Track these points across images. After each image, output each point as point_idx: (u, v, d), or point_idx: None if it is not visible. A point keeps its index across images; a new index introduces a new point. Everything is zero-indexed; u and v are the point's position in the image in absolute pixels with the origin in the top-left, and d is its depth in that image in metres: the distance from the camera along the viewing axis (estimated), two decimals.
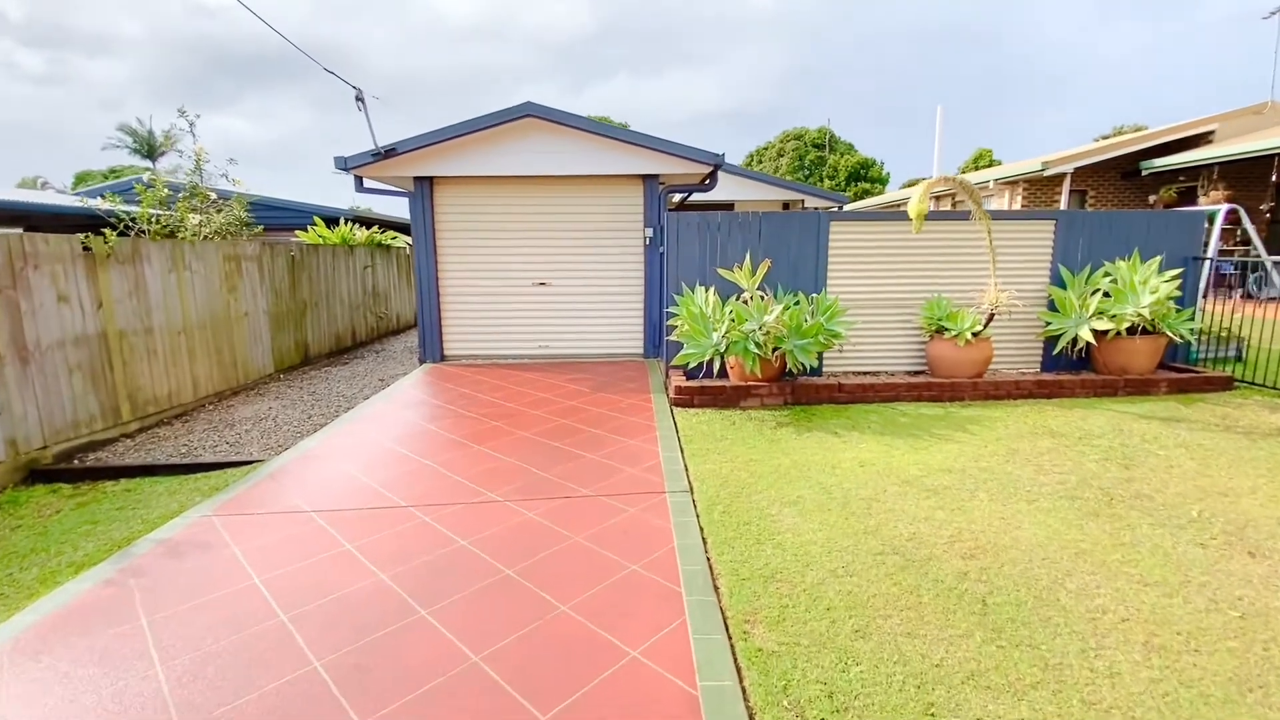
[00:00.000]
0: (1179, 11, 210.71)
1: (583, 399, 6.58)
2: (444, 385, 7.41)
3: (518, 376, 7.74)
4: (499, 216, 8.55)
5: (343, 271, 11.03)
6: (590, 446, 5.09)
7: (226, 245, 7.78)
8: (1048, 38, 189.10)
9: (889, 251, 7.03)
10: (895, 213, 7.04)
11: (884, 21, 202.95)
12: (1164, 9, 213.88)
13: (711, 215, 6.87)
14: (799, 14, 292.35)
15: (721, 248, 6.90)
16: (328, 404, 7.03)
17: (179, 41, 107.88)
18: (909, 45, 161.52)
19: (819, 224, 6.90)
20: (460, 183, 8.46)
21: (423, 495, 4.19)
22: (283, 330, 8.95)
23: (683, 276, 6.93)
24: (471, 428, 5.69)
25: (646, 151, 8.05)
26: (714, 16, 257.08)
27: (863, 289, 7.08)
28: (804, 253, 6.93)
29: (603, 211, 8.56)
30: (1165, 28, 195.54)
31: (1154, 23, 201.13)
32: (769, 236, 6.89)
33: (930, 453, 4.91)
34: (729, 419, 5.87)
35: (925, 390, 6.46)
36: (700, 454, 4.91)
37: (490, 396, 6.79)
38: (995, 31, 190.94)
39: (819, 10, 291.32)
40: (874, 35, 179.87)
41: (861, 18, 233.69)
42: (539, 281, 8.68)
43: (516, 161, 8.12)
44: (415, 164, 8.11)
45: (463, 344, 8.80)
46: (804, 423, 5.74)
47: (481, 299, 8.70)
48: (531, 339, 8.81)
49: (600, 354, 8.83)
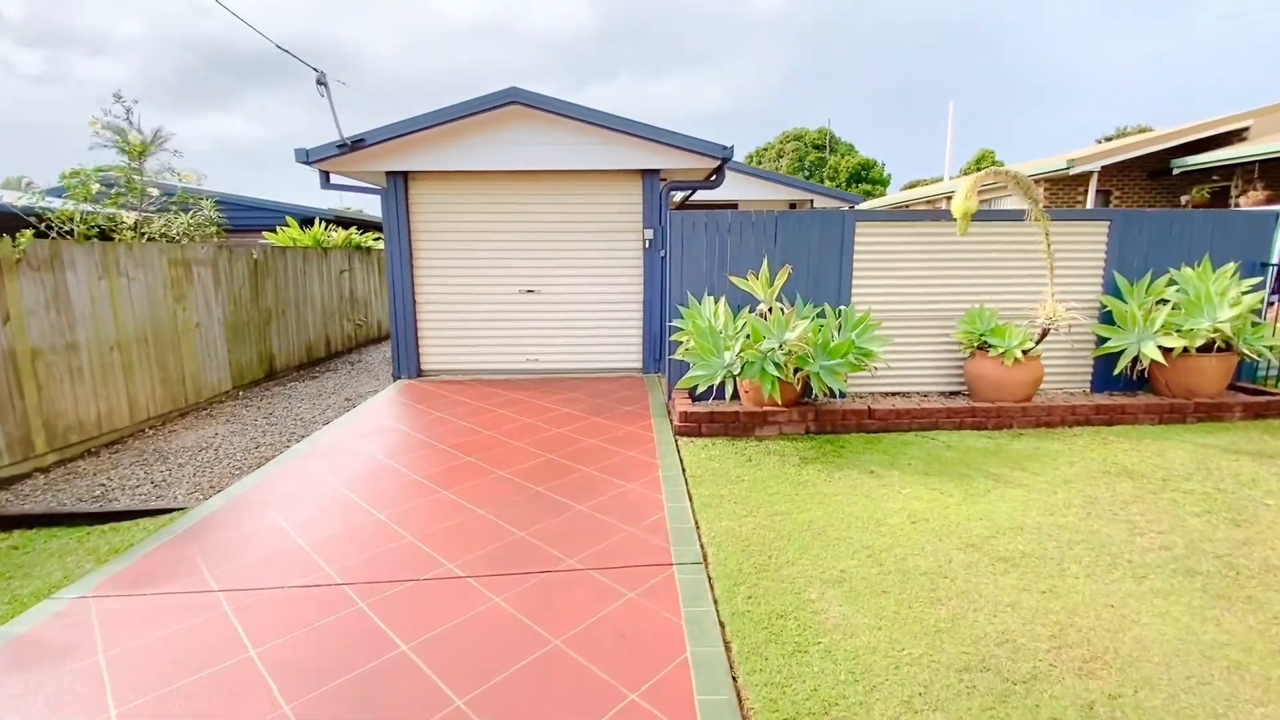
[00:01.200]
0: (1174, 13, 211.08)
1: (574, 426, 5.71)
2: (417, 407, 6.53)
3: (502, 396, 6.87)
4: (482, 216, 7.68)
5: (315, 276, 10.15)
6: (580, 492, 4.23)
7: (173, 248, 6.89)
8: (1047, 40, 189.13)
9: (923, 256, 6.18)
10: (930, 213, 6.20)
11: (884, 22, 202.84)
12: (1159, 11, 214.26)
13: (720, 215, 6.02)
14: (800, 15, 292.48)
15: (732, 252, 6.05)
16: (282, 430, 6.14)
17: (177, 41, 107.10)
18: (909, 46, 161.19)
19: (843, 225, 6.04)
20: (438, 178, 7.59)
21: (364, 567, 3.31)
22: (242, 342, 8.06)
23: (688, 285, 6.07)
24: (441, 465, 4.81)
25: (646, 143, 7.19)
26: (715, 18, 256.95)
27: (892, 299, 6.23)
28: (826, 258, 6.07)
29: (598, 211, 7.70)
30: (1161, 29, 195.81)
31: (1150, 24, 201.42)
32: (786, 239, 6.04)
33: (992, 502, 4.05)
34: (743, 452, 5.00)
35: (968, 417, 5.60)
36: (713, 503, 4.05)
37: (468, 422, 5.92)
38: (995, 33, 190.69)
39: (820, 12, 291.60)
40: (874, 36, 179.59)
41: (862, 19, 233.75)
42: (526, 289, 7.81)
43: (501, 154, 7.26)
44: (388, 157, 7.24)
45: (441, 358, 7.92)
46: (833, 458, 4.88)
47: (462, 308, 7.83)
48: (518, 352, 7.94)
49: (594, 369, 7.96)
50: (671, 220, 6.00)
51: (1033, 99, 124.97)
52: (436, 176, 7.59)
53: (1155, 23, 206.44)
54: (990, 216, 6.11)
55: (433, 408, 6.46)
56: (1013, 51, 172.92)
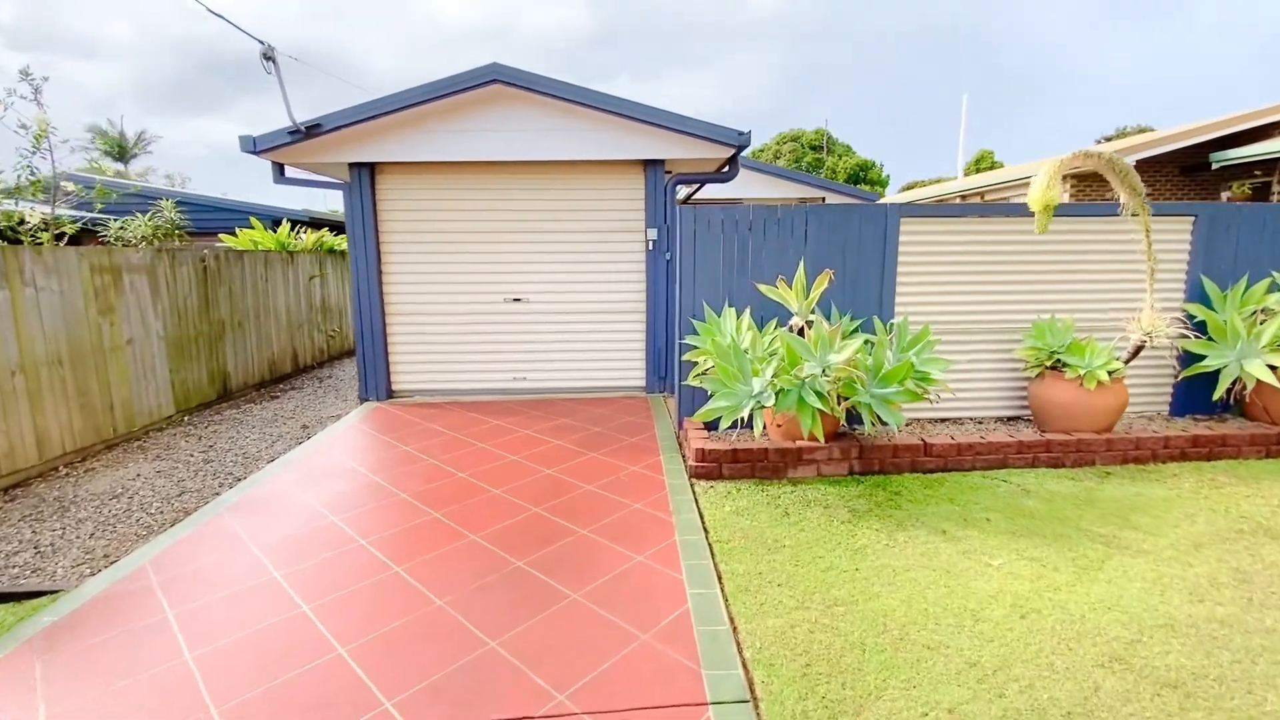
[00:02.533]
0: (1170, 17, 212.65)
1: (567, 464, 4.73)
2: (382, 439, 5.54)
3: (483, 424, 5.88)
4: (461, 214, 6.70)
5: (280, 282, 9.14)
6: (575, 570, 3.25)
7: (97, 253, 5.88)
8: (1044, 42, 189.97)
9: (980, 258, 5.23)
10: (989, 206, 5.25)
11: (881, 25, 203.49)
12: (1156, 15, 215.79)
13: (740, 210, 5.06)
14: (797, 17, 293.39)
15: (753, 254, 5.08)
16: (219, 468, 5.14)
17: (169, 44, 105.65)
18: (906, 48, 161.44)
19: (886, 222, 5.09)
20: (410, 170, 6.61)
21: (262, 708, 2.32)
22: (188, 359, 7.05)
23: (702, 293, 5.10)
24: (399, 523, 3.83)
25: (649, 130, 6.23)
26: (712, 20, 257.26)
27: (940, 308, 5.28)
28: (866, 261, 5.12)
29: (594, 207, 6.74)
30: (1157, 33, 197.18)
31: (1147, 28, 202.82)
32: (819, 239, 5.08)
33: (1114, 579, 3.09)
34: (777, 502, 4.04)
35: (1042, 452, 4.65)
36: (751, 585, 3.07)
37: (440, 459, 4.93)
38: (993, 36, 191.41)
39: (817, 14, 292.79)
40: (871, 38, 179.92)
41: (859, 21, 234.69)
42: (513, 297, 6.83)
43: (482, 143, 6.28)
44: (350, 146, 6.25)
45: (415, 377, 6.93)
46: (889, 509, 3.91)
47: (439, 319, 6.84)
48: (503, 370, 6.95)
49: (591, 388, 6.98)
50: (681, 217, 5.04)
51: (1030, 101, 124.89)
52: (407, 168, 6.61)
53: (1150, 26, 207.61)
54: (1068, 211, 5.17)
55: (400, 439, 5.46)
56: (1010, 54, 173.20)
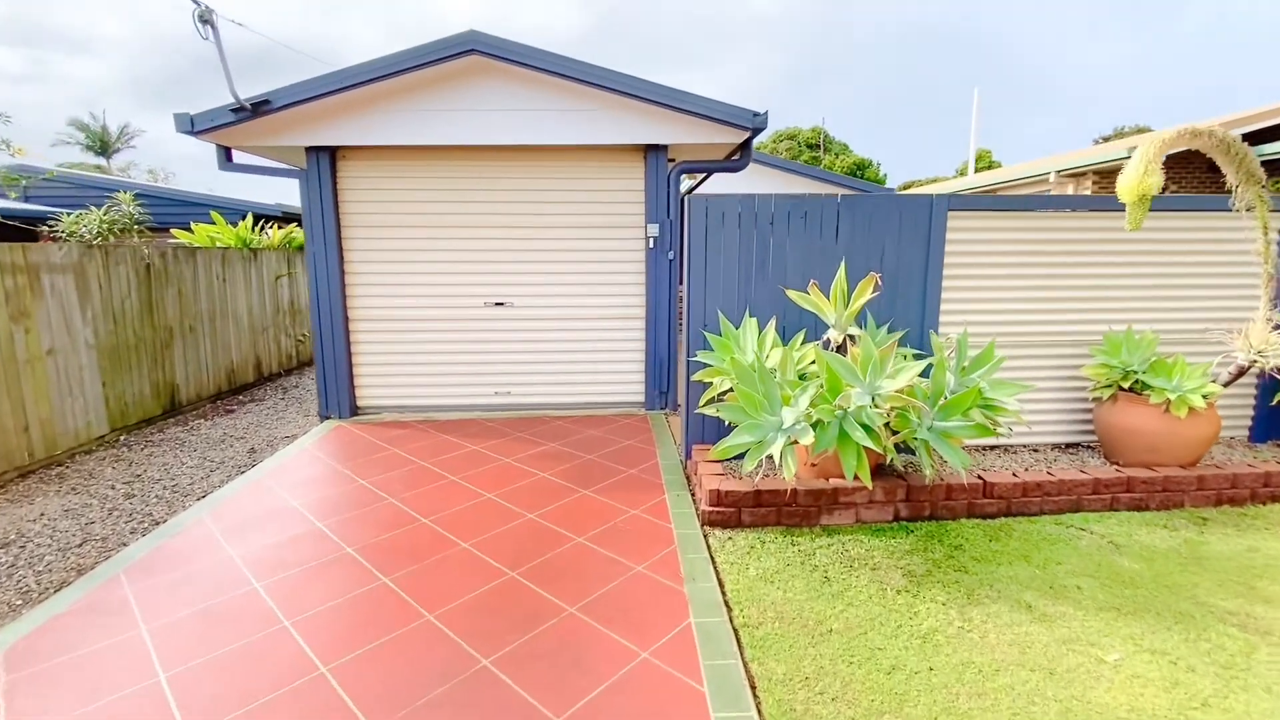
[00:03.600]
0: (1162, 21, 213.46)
1: (554, 505, 3.93)
2: (338, 469, 4.72)
3: (458, 449, 5.07)
4: (435, 206, 5.89)
5: (241, 282, 8.28)
6: (555, 678, 2.45)
7: (7, 251, 5.04)
8: (1038, 44, 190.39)
9: (1040, 259, 4.47)
10: (1061, 199, 4.50)
11: (879, 25, 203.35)
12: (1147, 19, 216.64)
13: (760, 202, 4.27)
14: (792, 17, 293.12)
15: (775, 253, 4.30)
16: (139, 505, 4.31)
17: (163, 40, 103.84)
18: (903, 49, 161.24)
19: (930, 216, 4.32)
20: (376, 156, 5.79)
21: None
22: (126, 370, 6.20)
23: (714, 299, 4.31)
24: (338, 594, 3.02)
25: (650, 110, 5.43)
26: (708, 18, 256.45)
27: (993, 319, 4.52)
28: (907, 261, 4.35)
29: (587, 199, 5.93)
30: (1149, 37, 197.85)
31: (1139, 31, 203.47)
32: (852, 236, 4.30)
33: (1272, 685, 2.33)
34: (812, 560, 3.26)
35: (1121, 491, 3.89)
36: (797, 704, 2.29)
37: (403, 498, 4.12)
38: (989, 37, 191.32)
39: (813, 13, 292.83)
40: (868, 38, 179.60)
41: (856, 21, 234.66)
42: (494, 301, 6.02)
43: (458, 124, 5.47)
44: (307, 127, 5.43)
45: (383, 390, 6.11)
46: (952, 572, 3.14)
47: (411, 326, 6.02)
48: (484, 384, 6.14)
49: (584, 404, 6.19)
50: (691, 209, 4.25)
51: (1025, 101, 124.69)
52: (373, 153, 5.78)
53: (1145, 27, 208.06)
54: (1163, 205, 4.40)
55: (359, 469, 4.65)
56: (1006, 55, 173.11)
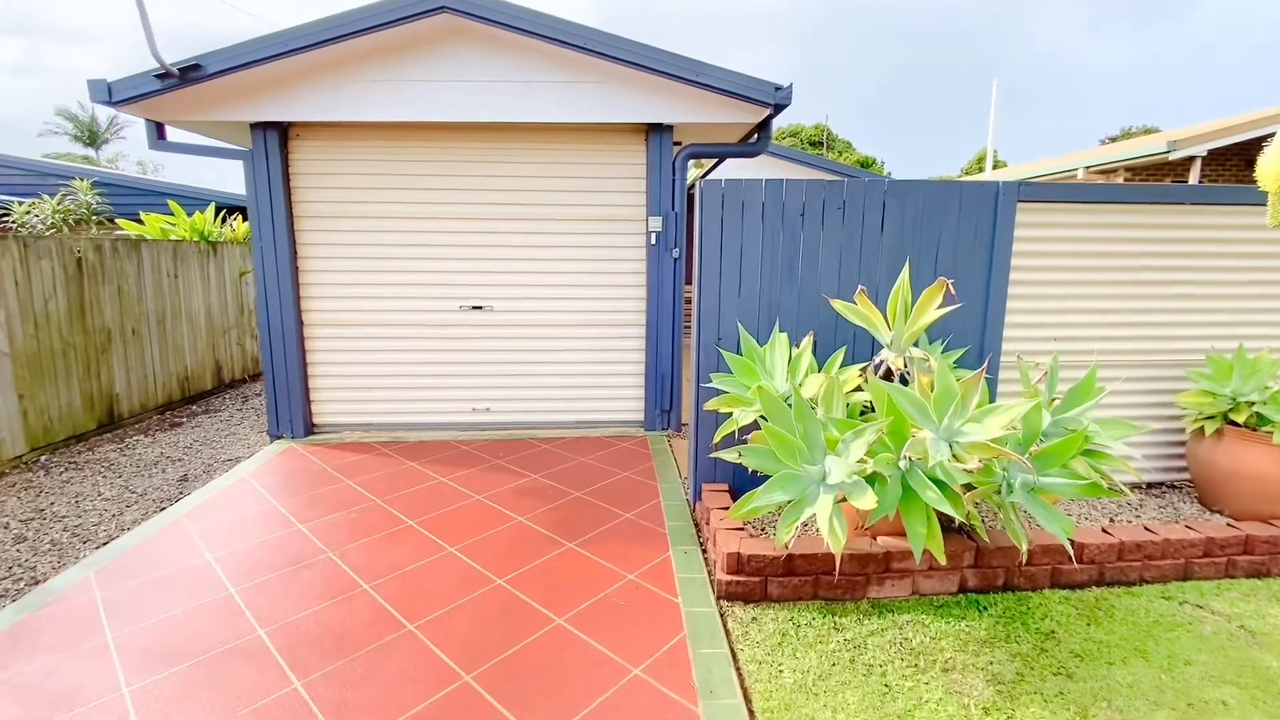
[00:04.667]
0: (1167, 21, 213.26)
1: (531, 567, 3.14)
2: (275, 508, 3.93)
3: (424, 482, 4.28)
4: (404, 194, 5.09)
5: (198, 279, 7.48)
6: None
7: None
8: (1044, 43, 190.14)
9: (1128, 264, 3.69)
10: (1162, 190, 3.72)
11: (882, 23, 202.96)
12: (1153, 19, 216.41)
13: (788, 189, 3.48)
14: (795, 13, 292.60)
15: (807, 252, 3.51)
16: (24, 556, 3.50)
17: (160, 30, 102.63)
18: (906, 48, 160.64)
19: (996, 207, 3.53)
20: (334, 134, 4.99)
21: None
22: (50, 380, 5.40)
23: (731, 307, 3.53)
24: (228, 711, 2.23)
25: (653, 82, 4.63)
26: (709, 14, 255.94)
27: (1064, 335, 3.74)
28: (967, 263, 3.56)
29: (579, 188, 5.14)
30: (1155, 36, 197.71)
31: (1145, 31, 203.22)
32: (900, 231, 3.52)
33: None
34: (863, 655, 2.48)
35: (1237, 553, 3.11)
36: None
37: (346, 551, 3.33)
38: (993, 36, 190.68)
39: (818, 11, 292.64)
40: (871, 36, 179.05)
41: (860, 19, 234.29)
42: (472, 304, 5.23)
43: (430, 98, 4.67)
44: (251, 99, 4.63)
45: (344, 406, 5.32)
46: (1049, 673, 2.36)
47: (375, 334, 5.23)
48: (460, 399, 5.35)
49: (574, 423, 5.40)
50: (704, 197, 3.46)
51: (1029, 102, 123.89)
52: (331, 132, 4.98)
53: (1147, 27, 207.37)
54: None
55: (301, 508, 3.86)
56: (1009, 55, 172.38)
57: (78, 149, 35.18)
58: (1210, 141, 9.94)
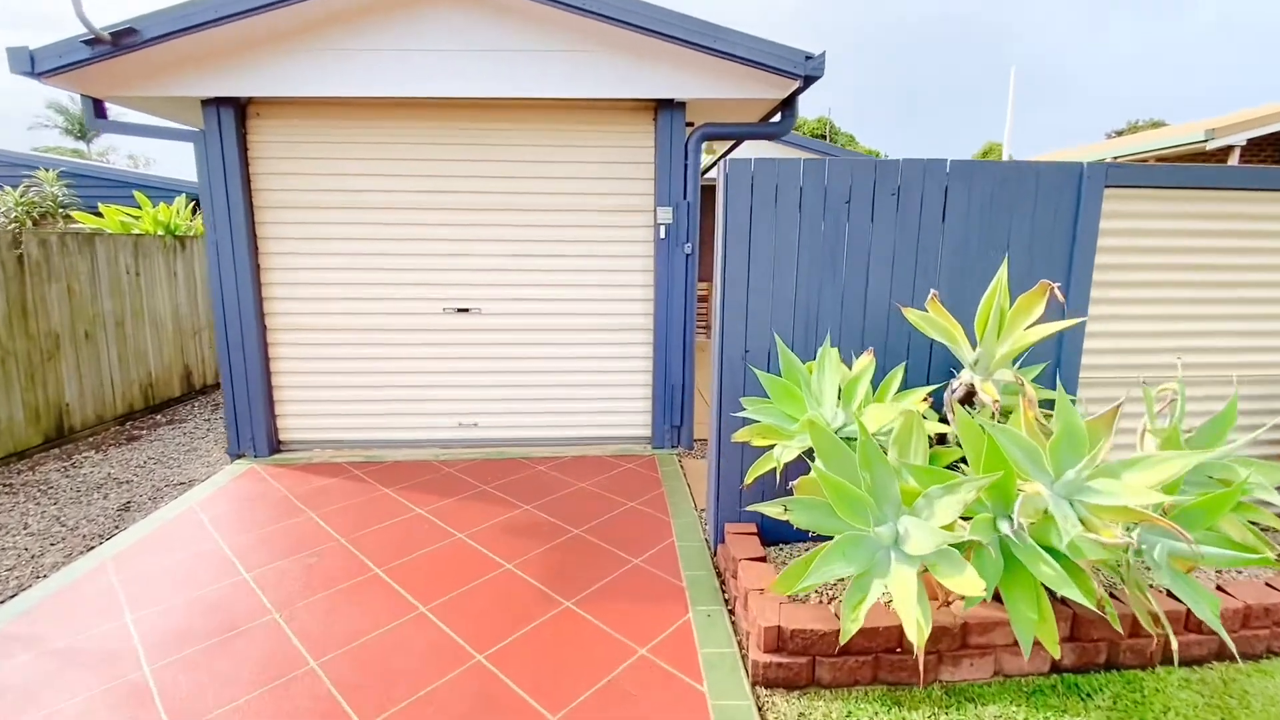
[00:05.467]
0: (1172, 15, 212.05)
1: (519, 637, 2.56)
2: (222, 548, 3.34)
3: (398, 515, 3.70)
4: (378, 182, 4.49)
5: (163, 277, 6.87)
6: None
7: None
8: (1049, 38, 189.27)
9: (1228, 260, 3.10)
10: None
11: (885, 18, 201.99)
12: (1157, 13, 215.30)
13: (831, 168, 2.88)
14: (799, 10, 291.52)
15: (852, 246, 2.92)
16: None
17: None
18: (907, 42, 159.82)
19: (1080, 192, 2.93)
20: (299, 112, 4.38)
21: None
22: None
23: (758, 311, 2.93)
24: None
25: (665, 49, 4.02)
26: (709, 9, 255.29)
27: (1147, 348, 3.15)
28: (1042, 261, 2.97)
29: (578, 174, 4.54)
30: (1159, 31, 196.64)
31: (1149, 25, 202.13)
32: (965, 220, 2.92)
33: None
34: None
35: None
36: None
37: (293, 613, 2.75)
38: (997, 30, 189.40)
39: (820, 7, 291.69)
40: (873, 31, 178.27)
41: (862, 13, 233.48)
42: (457, 306, 4.63)
43: (409, 70, 4.06)
44: (201, 70, 4.01)
45: (314, 421, 4.73)
46: None
47: (348, 339, 4.63)
48: (444, 412, 4.76)
49: (572, 439, 4.81)
50: (730, 179, 2.85)
51: (1032, 96, 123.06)
52: (295, 109, 4.37)
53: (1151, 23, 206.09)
54: None
55: (250, 550, 3.27)
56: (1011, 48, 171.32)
57: (69, 142, 34.47)
58: (1249, 130, 9.32)
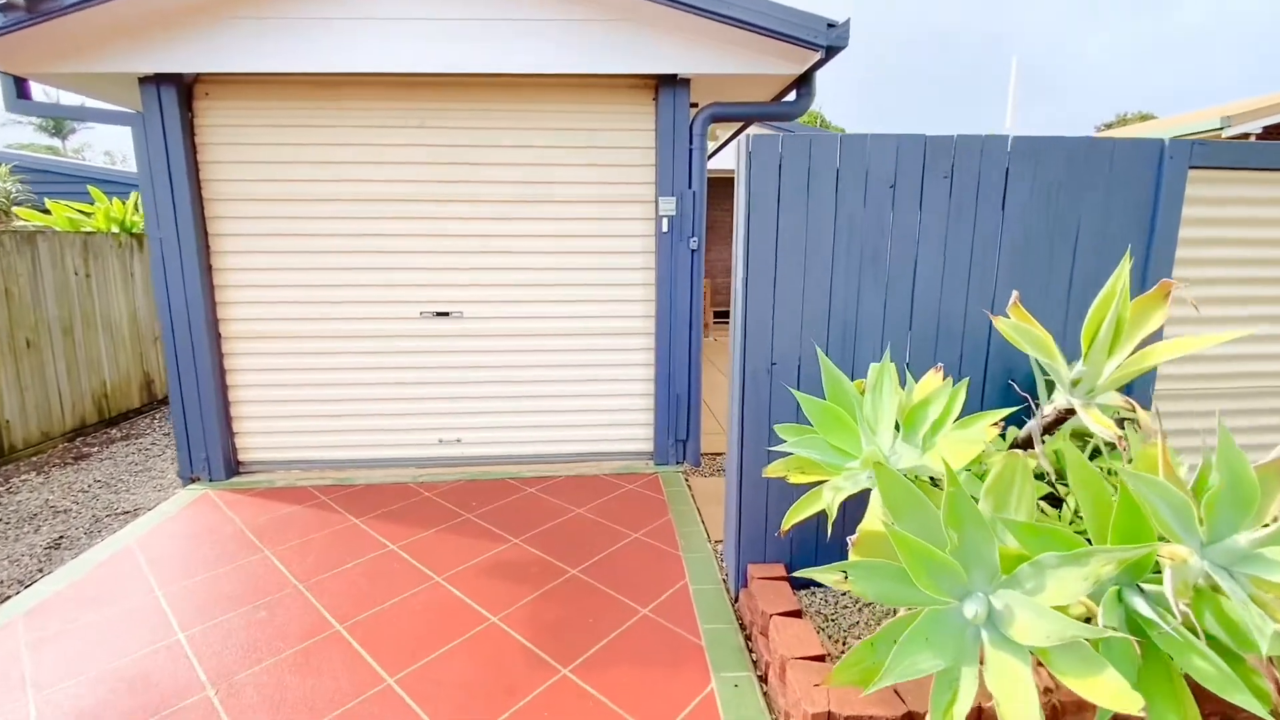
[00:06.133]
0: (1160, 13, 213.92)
1: (508, 717, 2.10)
2: (157, 600, 2.86)
3: (367, 554, 3.22)
4: (347, 170, 3.99)
5: (119, 279, 6.32)
6: None
7: None
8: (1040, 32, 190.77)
9: None
10: None
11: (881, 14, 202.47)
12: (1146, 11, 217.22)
13: (873, 145, 2.42)
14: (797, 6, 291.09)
15: (898, 238, 2.47)
16: None
17: None
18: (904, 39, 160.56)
19: (1160, 175, 2.50)
20: (255, 91, 3.87)
21: None
22: None
23: (787, 319, 2.48)
24: None
25: (663, 13, 3.55)
26: None
27: (1219, 353, 2.74)
28: (1116, 255, 2.54)
29: (570, 160, 4.06)
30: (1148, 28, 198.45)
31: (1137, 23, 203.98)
32: (1027, 207, 2.48)
33: None
34: None
35: None
36: None
37: (246, 677, 2.27)
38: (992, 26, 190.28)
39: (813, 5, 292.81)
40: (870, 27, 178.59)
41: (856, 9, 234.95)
42: (435, 310, 4.15)
43: (379, 42, 3.57)
44: (137, 42, 3.50)
45: (276, 440, 4.23)
46: None
47: (314, 347, 4.14)
48: (423, 427, 4.28)
49: (566, 456, 4.35)
50: (753, 158, 2.39)
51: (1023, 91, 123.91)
52: (250, 87, 3.86)
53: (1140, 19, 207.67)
54: None
55: (187, 604, 2.78)
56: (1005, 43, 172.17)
57: (43, 139, 33.48)
58: (1265, 118, 8.97)
